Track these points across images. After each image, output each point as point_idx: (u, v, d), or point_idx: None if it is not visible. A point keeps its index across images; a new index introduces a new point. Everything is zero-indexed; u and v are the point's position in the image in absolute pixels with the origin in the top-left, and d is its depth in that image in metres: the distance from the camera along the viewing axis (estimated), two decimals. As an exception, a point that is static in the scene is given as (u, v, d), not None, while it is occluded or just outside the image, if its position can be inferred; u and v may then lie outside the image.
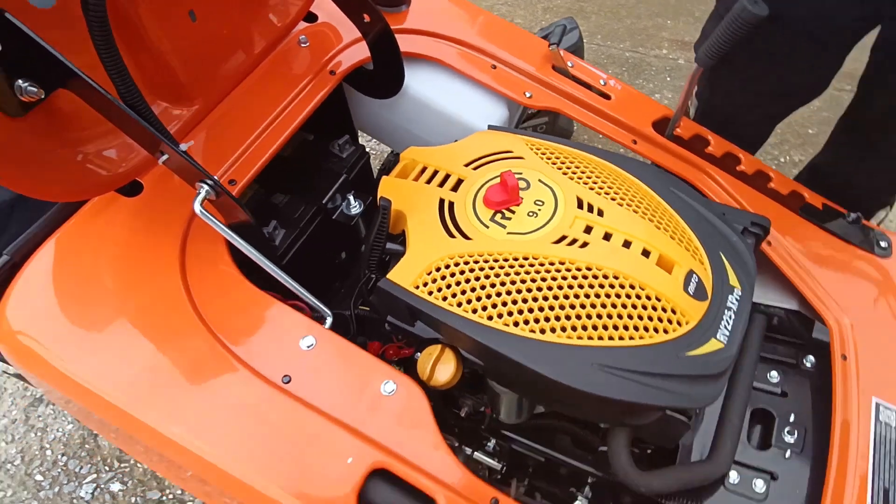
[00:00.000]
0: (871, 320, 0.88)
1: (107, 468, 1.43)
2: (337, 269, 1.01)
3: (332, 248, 0.98)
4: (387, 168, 1.34)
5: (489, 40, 0.98)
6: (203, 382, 0.62)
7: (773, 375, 0.89)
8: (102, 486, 1.41)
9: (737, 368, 0.85)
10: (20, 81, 0.54)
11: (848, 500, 0.73)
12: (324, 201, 0.89)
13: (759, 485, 0.79)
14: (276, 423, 0.61)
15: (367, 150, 0.97)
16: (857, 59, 1.16)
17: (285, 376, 0.64)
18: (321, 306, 0.70)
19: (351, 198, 0.91)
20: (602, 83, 0.98)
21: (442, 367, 0.70)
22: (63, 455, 1.46)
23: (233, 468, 0.59)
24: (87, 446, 1.47)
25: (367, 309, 0.87)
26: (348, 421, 0.63)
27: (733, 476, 0.80)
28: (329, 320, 0.70)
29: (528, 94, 0.95)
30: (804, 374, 0.90)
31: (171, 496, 1.38)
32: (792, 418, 0.85)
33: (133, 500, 1.38)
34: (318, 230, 0.90)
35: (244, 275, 0.69)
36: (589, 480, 0.89)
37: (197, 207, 0.62)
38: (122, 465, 1.43)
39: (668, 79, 2.15)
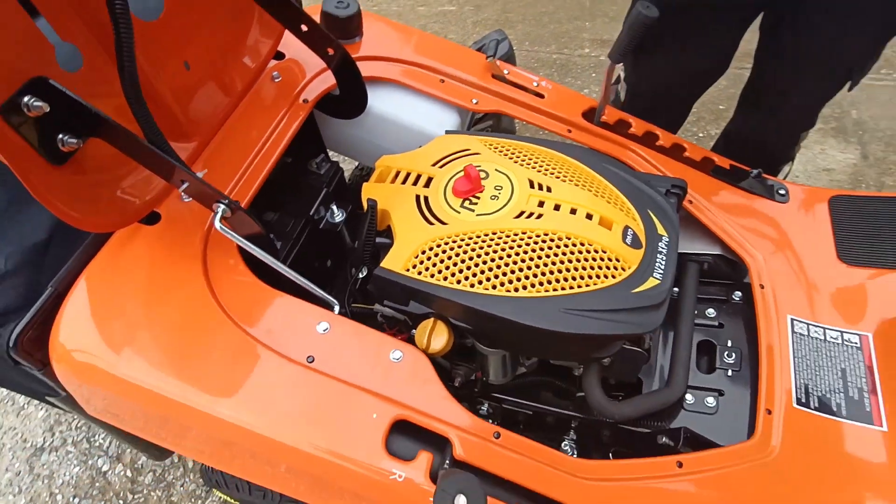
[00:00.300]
0: (778, 254, 1.06)
1: (121, 502, 1.48)
2: (325, 275, 1.13)
3: (321, 257, 1.10)
4: (355, 181, 1.47)
5: (435, 59, 1.13)
6: (240, 369, 0.73)
7: (711, 312, 1.07)
8: (119, 519, 1.46)
9: (680, 311, 1.02)
10: (61, 135, 0.65)
11: (778, 396, 0.90)
12: (311, 213, 1.01)
13: (710, 401, 0.95)
14: (307, 395, 0.73)
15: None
16: (752, 40, 1.38)
17: (309, 356, 0.76)
18: (328, 297, 0.83)
19: (334, 208, 1.03)
20: (535, 84, 1.15)
21: (437, 337, 0.83)
22: (74, 497, 1.50)
23: (277, 435, 0.70)
24: (97, 484, 1.51)
25: (360, 306, 0.99)
26: (368, 386, 0.75)
27: (689, 398, 0.95)
28: (337, 308, 0.82)
29: (474, 101, 1.10)
30: (735, 307, 1.07)
31: (188, 517, 1.45)
32: (729, 343, 1.01)
33: (151, 527, 1.44)
34: (309, 240, 1.02)
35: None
36: (573, 425, 1.04)
37: (217, 224, 0.73)
38: (136, 496, 1.49)
39: (594, 75, 2.36)
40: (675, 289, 1.11)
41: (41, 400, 0.94)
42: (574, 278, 0.77)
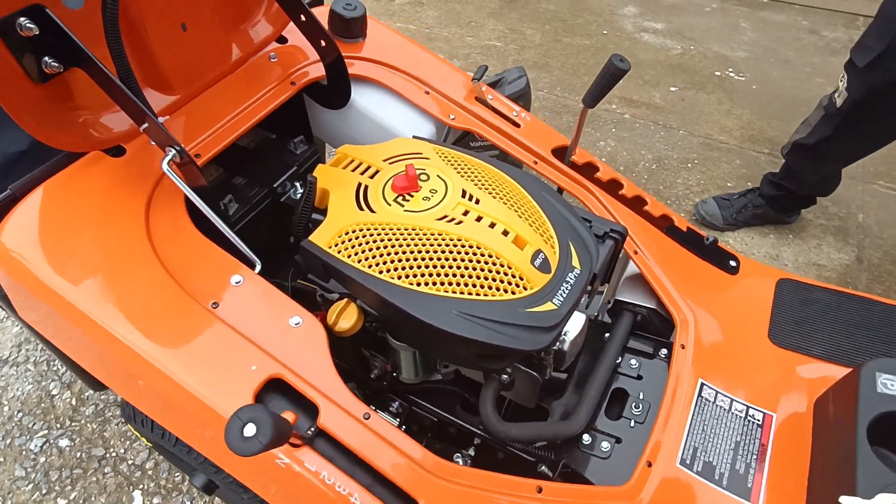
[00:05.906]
0: (710, 321, 1.07)
1: (58, 426, 1.55)
2: (288, 251, 1.19)
3: (281, 231, 1.17)
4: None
5: (426, 72, 1.20)
6: (150, 300, 0.79)
7: (634, 363, 1.08)
8: (52, 441, 1.53)
9: (602, 354, 1.04)
10: (46, 58, 0.74)
11: (664, 452, 0.91)
12: (275, 185, 1.08)
13: (606, 446, 0.96)
14: (199, 334, 0.78)
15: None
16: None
17: (214, 302, 0.81)
18: (251, 254, 0.89)
19: (298, 185, 1.10)
20: (514, 114, 1.21)
21: (345, 316, 0.88)
22: (19, 412, 1.58)
23: (158, 362, 0.76)
24: (42, 405, 1.59)
25: (304, 283, 1.05)
26: (258, 341, 0.80)
27: (586, 438, 0.97)
28: (258, 267, 0.88)
29: (451, 117, 1.17)
30: (658, 362, 1.09)
31: (113, 454, 1.50)
32: (641, 395, 1.03)
33: (78, 454, 1.50)
34: (268, 209, 1.09)
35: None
36: (475, 442, 1.06)
37: (164, 166, 0.81)
38: (73, 423, 1.56)
39: (613, 130, 2.41)
40: (606, 333, 1.13)
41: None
42: (474, 285, 0.80)
